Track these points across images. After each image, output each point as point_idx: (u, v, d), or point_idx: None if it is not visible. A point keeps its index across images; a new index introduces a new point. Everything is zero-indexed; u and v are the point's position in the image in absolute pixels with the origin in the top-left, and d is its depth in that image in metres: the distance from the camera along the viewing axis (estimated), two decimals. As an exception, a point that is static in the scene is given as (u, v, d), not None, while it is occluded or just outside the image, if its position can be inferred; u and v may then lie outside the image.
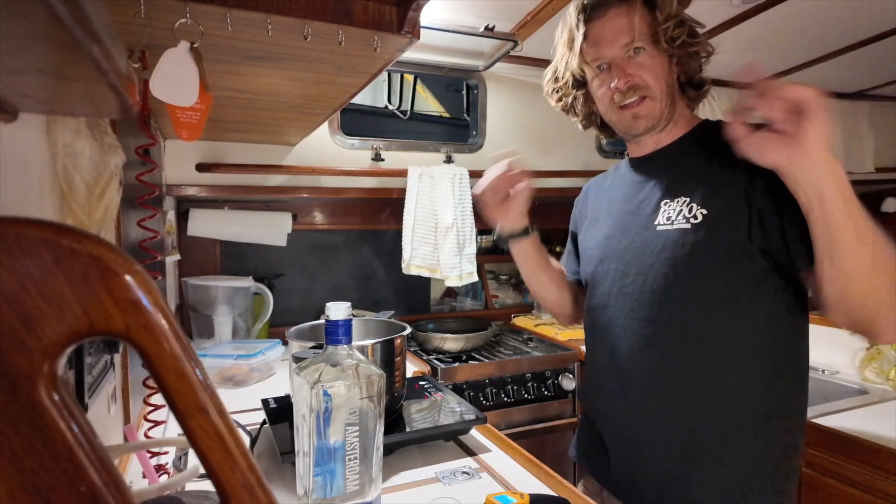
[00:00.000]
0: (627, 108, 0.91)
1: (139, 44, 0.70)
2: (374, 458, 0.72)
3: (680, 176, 0.91)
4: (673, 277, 0.86)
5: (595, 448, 1.02)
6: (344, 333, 0.71)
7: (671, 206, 0.89)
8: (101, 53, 0.34)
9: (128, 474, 0.91)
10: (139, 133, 1.02)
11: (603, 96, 0.94)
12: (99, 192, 0.69)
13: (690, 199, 0.87)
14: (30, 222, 0.25)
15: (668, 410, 0.88)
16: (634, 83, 0.89)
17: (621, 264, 0.95)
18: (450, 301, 2.55)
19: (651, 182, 0.95)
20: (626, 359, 0.93)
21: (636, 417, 0.92)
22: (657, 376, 0.89)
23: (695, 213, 0.85)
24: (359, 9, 0.72)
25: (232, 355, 1.57)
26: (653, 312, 0.89)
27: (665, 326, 0.88)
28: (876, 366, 1.69)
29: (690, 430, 0.86)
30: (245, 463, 0.29)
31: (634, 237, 0.93)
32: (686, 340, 0.86)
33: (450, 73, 2.07)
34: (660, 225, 0.89)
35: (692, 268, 0.85)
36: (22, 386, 0.25)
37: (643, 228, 0.92)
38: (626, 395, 0.93)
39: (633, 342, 0.92)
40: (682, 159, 0.93)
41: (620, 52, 0.90)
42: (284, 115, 1.33)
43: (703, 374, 0.85)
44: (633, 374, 0.92)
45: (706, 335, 0.85)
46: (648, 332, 0.89)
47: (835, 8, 1.62)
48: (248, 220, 1.98)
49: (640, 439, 0.92)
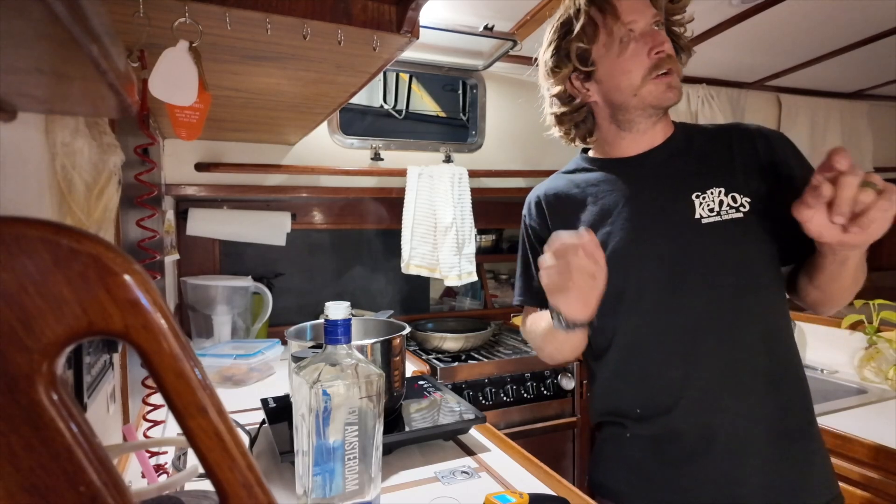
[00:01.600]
0: (664, 76, 0.87)
1: (138, 43, 0.70)
2: (373, 457, 0.72)
3: (697, 168, 0.90)
4: (742, 267, 0.86)
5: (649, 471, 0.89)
6: (343, 333, 0.71)
7: (706, 198, 0.87)
8: (99, 53, 0.34)
9: (127, 474, 0.91)
10: (138, 132, 1.02)
11: (632, 65, 0.87)
12: (98, 191, 0.69)
13: (725, 188, 0.86)
14: (28, 222, 0.25)
15: (762, 412, 0.84)
16: (669, 53, 0.87)
17: (670, 266, 0.87)
18: (449, 300, 2.56)
19: (666, 178, 0.91)
20: (704, 365, 0.85)
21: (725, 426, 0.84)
22: (746, 379, 0.84)
23: (740, 202, 0.85)
24: (358, 8, 0.72)
25: (231, 355, 1.57)
26: (730, 307, 0.85)
27: (746, 320, 0.85)
28: (875, 365, 1.69)
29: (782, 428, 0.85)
30: (244, 462, 0.29)
31: (675, 235, 0.87)
32: (765, 333, 0.86)
33: (449, 72, 2.07)
34: (704, 218, 0.86)
35: (755, 256, 0.86)
36: (21, 385, 0.25)
37: (682, 224, 0.87)
38: (711, 404, 0.85)
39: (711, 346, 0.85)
40: (690, 152, 0.92)
41: (649, 24, 0.88)
42: (283, 115, 1.33)
43: (782, 368, 0.87)
44: (718, 381, 0.85)
45: (776, 324, 0.88)
46: (728, 330, 0.85)
47: (833, 8, 1.63)
48: (247, 220, 1.98)
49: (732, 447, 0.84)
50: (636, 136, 0.94)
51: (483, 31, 1.71)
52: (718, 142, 0.92)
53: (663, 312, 0.88)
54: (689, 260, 0.87)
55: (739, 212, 0.85)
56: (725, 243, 0.85)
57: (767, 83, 2.33)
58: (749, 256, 0.86)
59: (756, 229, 0.85)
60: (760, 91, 2.39)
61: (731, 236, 0.85)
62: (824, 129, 2.47)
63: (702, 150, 0.92)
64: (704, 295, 0.86)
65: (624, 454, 0.93)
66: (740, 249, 0.85)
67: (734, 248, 0.85)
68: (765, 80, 2.29)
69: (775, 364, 0.86)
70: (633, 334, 0.90)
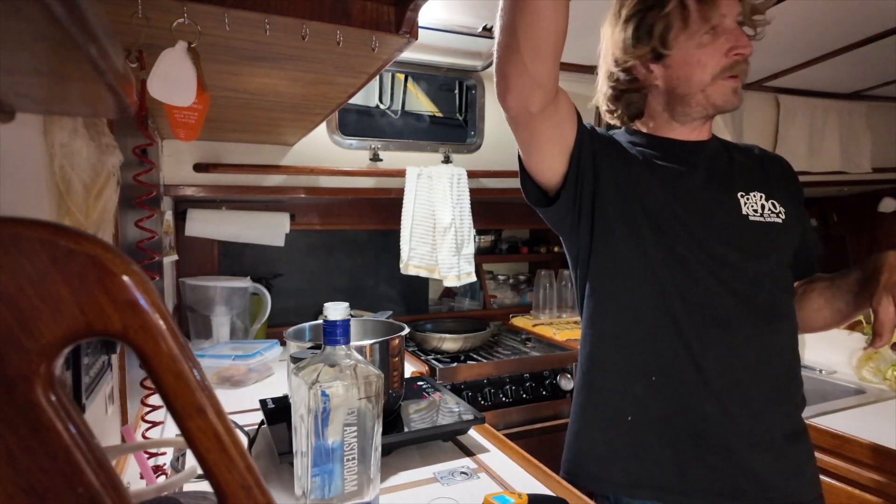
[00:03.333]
0: (735, 78, 0.85)
1: (137, 44, 0.70)
2: (372, 458, 0.72)
3: (741, 170, 0.93)
4: (782, 270, 0.91)
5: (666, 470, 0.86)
6: (342, 334, 0.71)
7: (750, 198, 0.90)
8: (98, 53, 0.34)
9: (125, 475, 0.90)
10: (137, 133, 1.02)
11: (713, 60, 0.84)
12: (96, 192, 0.69)
13: (766, 194, 0.91)
14: (27, 222, 0.25)
15: (779, 409, 0.88)
16: (749, 55, 0.84)
17: (714, 249, 0.85)
18: (448, 301, 2.56)
19: (712, 169, 0.91)
20: (735, 355, 0.84)
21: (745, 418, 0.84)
22: (772, 375, 0.86)
23: (779, 208, 0.91)
24: (357, 9, 0.72)
25: (230, 356, 1.57)
26: (767, 303, 0.86)
27: (778, 317, 0.89)
28: (873, 365, 1.69)
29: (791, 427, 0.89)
30: (243, 463, 0.29)
31: (723, 223, 0.86)
32: (792, 332, 0.91)
33: (447, 73, 2.07)
34: (751, 216, 0.88)
35: (787, 260, 0.92)
36: (19, 386, 0.25)
37: (728, 215, 0.87)
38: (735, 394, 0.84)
39: (744, 337, 0.84)
40: (731, 155, 0.96)
41: (735, 20, 0.85)
42: (282, 115, 1.33)
43: (797, 369, 0.91)
44: (747, 374, 0.84)
45: (796, 326, 0.93)
46: (764, 325, 0.86)
47: (832, 9, 1.63)
48: (245, 221, 1.98)
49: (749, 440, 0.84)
50: (685, 131, 0.92)
51: (482, 32, 1.71)
52: (750, 155, 0.99)
53: (702, 293, 0.85)
54: (733, 251, 0.86)
55: (779, 217, 0.90)
56: (767, 242, 0.89)
57: (766, 84, 2.33)
58: (784, 259, 0.91)
59: (790, 237, 0.92)
60: (759, 92, 2.39)
61: (772, 237, 0.89)
62: (822, 130, 2.47)
63: (739, 157, 0.96)
64: (743, 287, 0.86)
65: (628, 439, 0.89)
66: (778, 251, 0.90)
67: (773, 248, 0.89)
68: (763, 80, 2.29)
69: (795, 364, 0.91)
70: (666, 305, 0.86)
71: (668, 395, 0.86)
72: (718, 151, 0.96)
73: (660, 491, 0.86)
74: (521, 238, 2.76)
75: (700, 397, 0.85)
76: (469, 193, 2.04)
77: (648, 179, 0.88)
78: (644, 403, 0.88)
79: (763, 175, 0.95)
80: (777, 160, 1.00)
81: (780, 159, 1.01)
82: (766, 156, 1.00)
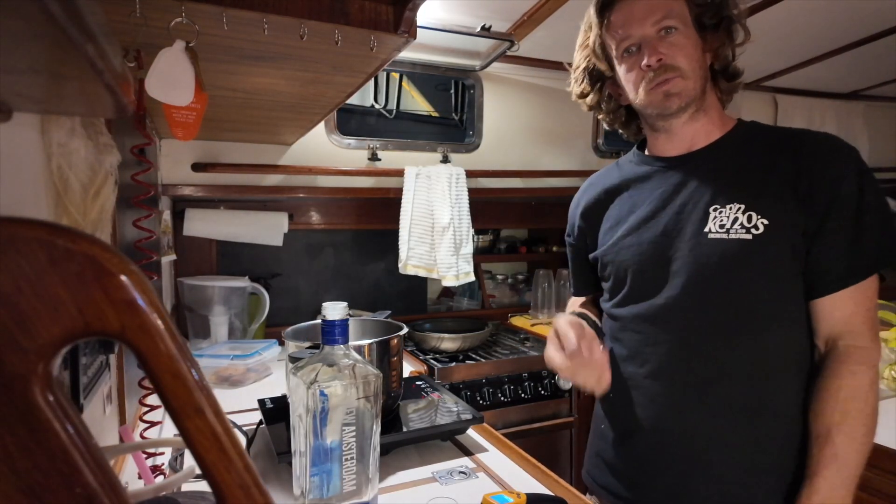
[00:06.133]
0: (659, 85, 0.85)
1: (135, 43, 0.70)
2: (370, 458, 0.72)
3: (728, 179, 0.85)
4: (735, 292, 0.82)
5: (624, 467, 0.93)
6: (340, 333, 0.71)
7: (722, 212, 0.83)
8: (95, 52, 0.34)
9: (124, 475, 0.90)
10: (135, 132, 1.02)
11: (633, 79, 0.88)
12: (94, 191, 0.69)
13: (745, 206, 0.82)
14: (24, 222, 0.25)
15: (728, 430, 0.83)
16: (666, 63, 0.84)
17: (669, 275, 0.87)
18: (446, 301, 2.56)
19: (692, 185, 0.88)
20: (679, 375, 0.86)
21: (690, 436, 0.85)
22: (717, 395, 0.84)
23: (755, 222, 0.81)
24: (355, 8, 0.72)
25: (228, 355, 1.57)
26: (713, 329, 0.84)
27: (727, 344, 0.83)
28: (871, 365, 1.69)
29: (751, 450, 0.83)
30: (241, 463, 0.29)
31: (681, 245, 0.86)
32: (747, 356, 0.83)
33: (446, 72, 2.07)
34: (711, 233, 0.83)
35: (753, 281, 0.82)
36: (16, 386, 0.25)
37: (692, 235, 0.85)
38: (679, 411, 0.86)
39: (689, 360, 0.85)
40: (725, 161, 0.88)
41: (651, 31, 0.85)
42: (280, 115, 1.33)
43: (763, 390, 0.83)
44: (687, 391, 0.86)
45: (766, 353, 0.83)
46: (707, 350, 0.84)
47: (830, 9, 1.63)
48: (244, 220, 1.98)
49: (691, 459, 0.85)
50: (670, 137, 0.92)
51: (480, 32, 1.71)
52: (769, 152, 0.86)
53: (656, 320, 0.88)
54: (685, 271, 0.85)
55: (750, 233, 0.81)
56: (722, 261, 0.82)
57: (764, 83, 2.34)
58: (748, 279, 0.82)
59: (765, 255, 0.81)
60: (757, 91, 2.39)
61: (732, 256, 0.81)
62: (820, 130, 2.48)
63: (743, 159, 0.87)
64: (692, 311, 0.85)
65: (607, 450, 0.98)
66: (739, 271, 0.82)
67: (732, 268, 0.82)
68: (761, 80, 2.30)
69: (751, 395, 0.83)
70: (624, 330, 0.94)
71: (619, 412, 0.94)
72: (710, 159, 0.89)
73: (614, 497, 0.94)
74: (519, 238, 2.76)
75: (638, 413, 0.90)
76: (467, 193, 2.04)
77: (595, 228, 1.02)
78: (604, 416, 0.99)
79: (761, 179, 0.84)
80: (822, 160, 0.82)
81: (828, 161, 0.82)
82: (806, 152, 0.83)
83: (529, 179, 2.21)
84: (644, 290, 0.90)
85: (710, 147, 0.90)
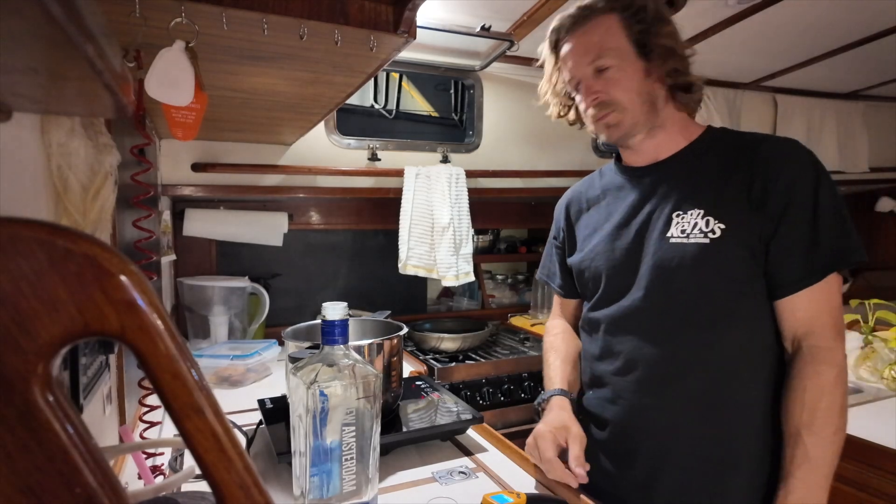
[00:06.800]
0: (599, 119, 0.92)
1: (134, 43, 0.70)
2: (370, 458, 0.72)
3: (691, 187, 0.89)
4: (693, 293, 0.86)
5: (600, 460, 0.97)
6: (340, 333, 0.71)
7: (685, 218, 0.87)
8: (95, 53, 0.34)
9: (123, 475, 0.90)
10: (134, 133, 1.02)
11: (582, 110, 0.96)
12: (94, 192, 0.69)
13: (705, 211, 0.85)
14: (24, 222, 0.25)
15: (691, 424, 0.87)
16: (601, 101, 0.91)
17: (636, 278, 0.92)
18: (446, 301, 2.56)
19: (659, 193, 0.93)
20: (643, 374, 0.91)
21: (655, 430, 0.90)
22: (679, 390, 0.88)
23: (712, 227, 0.84)
24: (355, 8, 0.72)
25: (228, 356, 1.57)
26: (674, 328, 0.88)
27: (688, 343, 0.87)
28: (870, 364, 1.70)
29: (715, 443, 0.86)
30: (241, 463, 0.29)
31: (648, 250, 0.91)
32: (708, 356, 0.86)
33: (446, 72, 2.07)
34: (673, 238, 0.87)
35: (712, 283, 0.85)
36: (16, 386, 0.25)
37: (657, 241, 0.90)
38: (644, 407, 0.91)
39: (652, 357, 0.90)
40: (690, 169, 0.91)
41: (588, 71, 0.91)
42: (280, 115, 1.33)
43: (725, 389, 0.86)
44: (651, 388, 0.90)
45: (726, 351, 0.86)
46: (669, 348, 0.88)
47: (829, 9, 1.63)
48: (243, 220, 1.98)
49: (658, 451, 0.90)
50: (634, 151, 0.98)
51: (480, 32, 1.71)
52: (729, 159, 0.89)
53: (623, 321, 0.94)
54: (650, 275, 0.90)
55: (707, 237, 0.84)
56: (682, 265, 0.86)
57: (763, 84, 2.34)
58: (706, 281, 0.85)
59: (721, 257, 0.84)
60: (757, 91, 2.39)
61: (690, 258, 0.85)
62: (820, 130, 2.48)
63: (704, 167, 0.90)
64: (655, 313, 0.90)
65: None
66: (697, 273, 0.85)
67: (690, 270, 0.85)
68: (761, 80, 2.30)
69: (713, 391, 0.86)
70: (595, 331, 1.00)
71: (595, 408, 1.00)
72: (674, 168, 0.93)
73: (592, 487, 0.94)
74: (519, 238, 2.76)
75: (609, 408, 0.96)
76: (467, 193, 2.04)
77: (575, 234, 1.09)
78: (582, 411, 1.04)
79: (719, 184, 0.86)
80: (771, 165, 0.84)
81: (783, 166, 0.84)
82: (759, 159, 0.85)
83: (529, 179, 2.21)
84: (614, 294, 0.96)
85: (674, 157, 0.94)
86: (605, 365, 0.97)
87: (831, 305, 0.83)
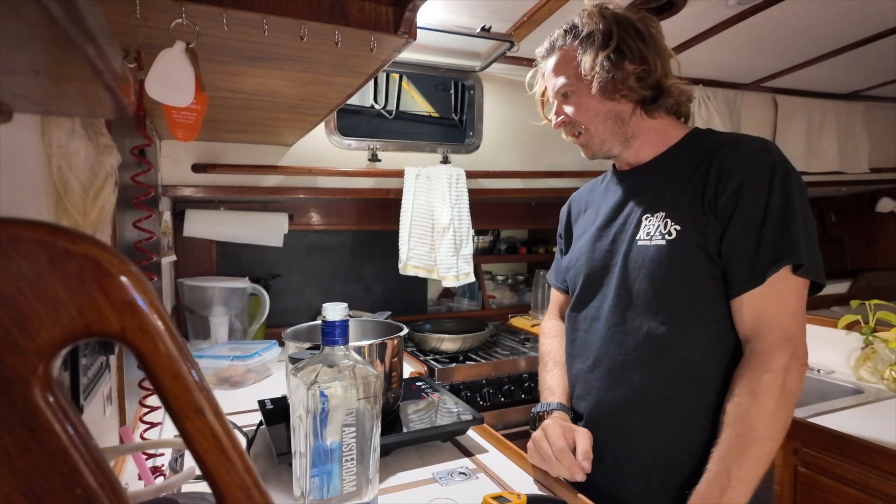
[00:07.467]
0: (572, 137, 1.01)
1: (135, 44, 0.70)
2: (370, 458, 0.72)
3: (659, 190, 0.92)
4: (653, 293, 0.88)
5: None
6: (340, 334, 0.71)
7: (651, 221, 0.91)
8: (96, 53, 0.34)
9: (124, 476, 0.90)
10: (135, 133, 1.02)
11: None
12: (94, 192, 0.69)
13: (666, 213, 0.89)
14: (24, 223, 0.25)
15: (653, 424, 0.89)
16: (567, 121, 0.98)
17: (608, 279, 0.96)
18: (446, 301, 2.56)
19: (635, 197, 0.97)
20: (606, 372, 0.95)
21: (621, 428, 0.93)
22: (640, 391, 0.90)
23: (669, 229, 0.87)
24: (355, 9, 0.72)
25: (228, 356, 1.57)
26: (636, 328, 0.90)
27: (647, 342, 0.89)
28: (871, 365, 1.70)
29: (675, 444, 0.88)
30: (241, 464, 0.29)
31: (620, 252, 0.95)
32: (668, 356, 0.88)
33: (446, 73, 2.07)
34: (640, 240, 0.91)
35: (670, 284, 0.87)
36: (16, 387, 0.25)
37: (627, 243, 0.94)
38: (609, 405, 0.94)
39: (615, 357, 0.93)
40: (662, 174, 0.94)
41: (556, 95, 0.99)
42: (281, 116, 1.33)
43: (684, 389, 0.87)
44: (613, 387, 0.93)
45: (687, 352, 0.87)
46: (631, 347, 0.91)
47: (830, 9, 1.63)
48: (244, 221, 1.98)
49: (623, 450, 0.92)
50: (617, 158, 1.02)
51: (480, 33, 1.71)
52: (695, 161, 0.89)
53: (595, 321, 0.98)
54: (619, 276, 0.93)
55: (665, 239, 0.87)
56: (644, 266, 0.89)
57: (764, 84, 2.34)
58: (665, 282, 0.87)
59: (677, 259, 0.86)
60: (757, 92, 2.39)
61: (650, 259, 0.88)
62: (820, 130, 2.47)
63: (674, 170, 0.92)
64: (621, 313, 0.93)
65: None
66: (656, 274, 0.88)
67: (651, 271, 0.88)
68: (761, 81, 2.29)
69: (673, 391, 0.87)
70: (573, 328, 1.04)
71: (574, 404, 1.04)
72: (650, 172, 0.96)
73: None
74: (519, 238, 2.76)
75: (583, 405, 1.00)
76: (467, 193, 2.04)
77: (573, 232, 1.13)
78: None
79: (680, 188, 0.88)
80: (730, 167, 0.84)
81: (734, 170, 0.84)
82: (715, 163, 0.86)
83: (529, 180, 2.21)
84: (590, 294, 1.00)
85: (652, 161, 0.97)
86: (578, 363, 1.02)
87: (781, 309, 0.81)
